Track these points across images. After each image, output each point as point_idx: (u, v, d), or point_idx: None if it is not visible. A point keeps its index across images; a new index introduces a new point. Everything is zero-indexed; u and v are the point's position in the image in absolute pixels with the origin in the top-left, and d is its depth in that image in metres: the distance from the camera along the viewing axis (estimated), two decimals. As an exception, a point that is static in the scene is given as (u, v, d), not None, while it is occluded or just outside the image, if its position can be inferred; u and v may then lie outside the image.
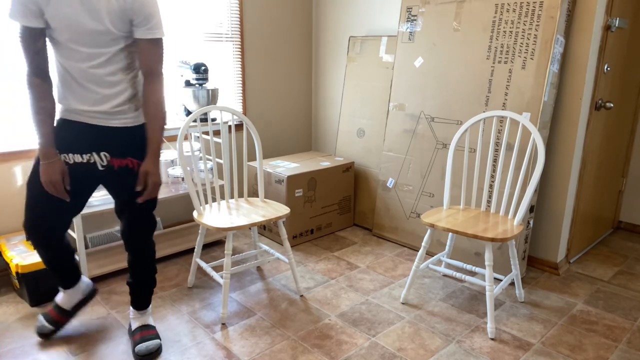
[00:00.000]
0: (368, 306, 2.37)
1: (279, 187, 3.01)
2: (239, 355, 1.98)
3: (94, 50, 1.63)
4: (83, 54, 1.62)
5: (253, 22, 3.45)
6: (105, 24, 1.60)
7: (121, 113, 1.74)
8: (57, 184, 1.70)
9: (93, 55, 1.63)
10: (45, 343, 2.04)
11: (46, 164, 1.68)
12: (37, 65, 1.62)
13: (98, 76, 1.66)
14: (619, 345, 2.07)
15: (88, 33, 1.59)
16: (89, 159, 1.76)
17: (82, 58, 1.63)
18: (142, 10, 1.64)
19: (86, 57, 1.63)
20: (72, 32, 1.58)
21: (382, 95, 3.28)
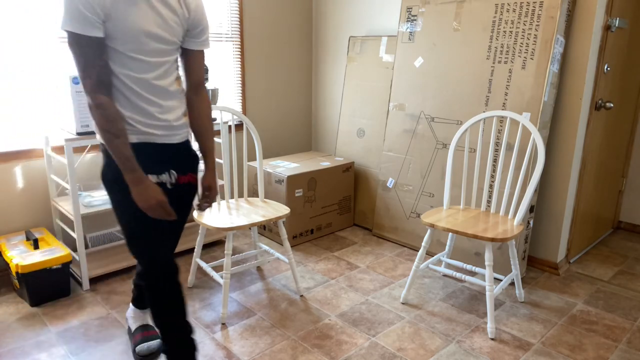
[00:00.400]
0: (368, 306, 2.37)
1: (279, 187, 3.01)
2: (239, 355, 1.98)
3: (157, 60, 1.51)
4: (147, 65, 1.50)
5: (253, 22, 3.45)
6: (172, 32, 1.52)
7: (181, 127, 1.63)
8: (164, 203, 1.50)
9: (156, 64, 1.52)
10: (45, 343, 2.04)
11: (141, 189, 1.48)
12: (102, 81, 1.42)
13: (161, 88, 1.54)
14: (619, 345, 2.07)
15: (155, 42, 1.49)
16: (161, 178, 1.62)
17: (146, 69, 1.50)
18: (201, 21, 1.59)
19: (150, 67, 1.50)
20: (139, 41, 1.45)
21: (382, 95, 3.28)
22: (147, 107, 1.52)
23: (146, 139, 1.56)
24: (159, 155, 1.60)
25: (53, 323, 2.19)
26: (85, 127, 2.37)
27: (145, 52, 1.48)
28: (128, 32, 1.43)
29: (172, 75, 1.57)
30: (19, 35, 2.45)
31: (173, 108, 1.58)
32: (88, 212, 2.42)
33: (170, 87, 1.56)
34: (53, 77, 2.59)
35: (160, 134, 1.57)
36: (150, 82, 1.51)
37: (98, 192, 2.60)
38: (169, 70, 1.56)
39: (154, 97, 1.53)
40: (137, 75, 1.48)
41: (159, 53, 1.51)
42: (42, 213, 2.69)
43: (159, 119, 1.55)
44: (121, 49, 1.44)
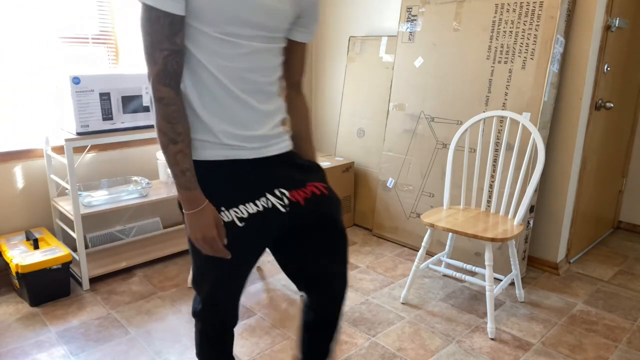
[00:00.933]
0: (368, 306, 2.37)
1: (279, 187, 3.01)
2: (239, 355, 1.98)
3: (257, 45, 1.15)
4: (245, 50, 1.13)
5: (253, 22, 3.44)
6: (278, 16, 1.16)
7: (278, 136, 1.25)
8: (214, 241, 1.15)
9: (255, 53, 1.15)
10: (45, 343, 2.04)
11: (193, 214, 1.14)
12: (168, 70, 1.09)
13: (259, 85, 1.18)
14: (619, 345, 2.07)
15: (255, 27, 1.13)
16: (266, 203, 1.20)
17: (242, 55, 1.13)
18: (314, 8, 1.26)
19: (248, 54, 1.14)
20: (235, 22, 1.10)
21: (382, 95, 3.28)
22: (240, 110, 1.16)
23: (233, 155, 1.18)
24: (250, 175, 1.20)
25: (53, 323, 2.19)
26: (85, 127, 2.37)
27: (243, 36, 1.13)
28: (221, 9, 1.09)
29: (273, 72, 1.21)
30: (19, 35, 2.45)
31: (271, 114, 1.22)
32: (88, 212, 2.42)
33: (270, 86, 1.21)
34: (53, 77, 2.59)
35: (251, 147, 1.19)
36: (245, 75, 1.15)
37: (98, 192, 2.60)
38: (270, 64, 1.20)
39: (249, 97, 1.17)
40: (229, 64, 1.13)
41: (260, 39, 1.16)
42: (42, 213, 2.70)
43: (251, 127, 1.18)
44: (211, 30, 1.10)
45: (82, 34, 2.64)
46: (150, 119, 2.58)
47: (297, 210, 1.24)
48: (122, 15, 2.77)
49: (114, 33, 2.74)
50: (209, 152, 1.16)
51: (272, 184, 1.22)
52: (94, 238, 2.88)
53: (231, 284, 1.26)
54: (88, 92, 2.35)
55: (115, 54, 2.77)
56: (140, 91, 2.51)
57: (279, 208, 1.22)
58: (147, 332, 2.13)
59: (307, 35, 1.30)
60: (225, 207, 1.17)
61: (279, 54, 1.22)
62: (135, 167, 3.01)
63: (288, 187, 1.23)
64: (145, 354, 1.98)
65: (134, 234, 3.05)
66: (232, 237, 1.19)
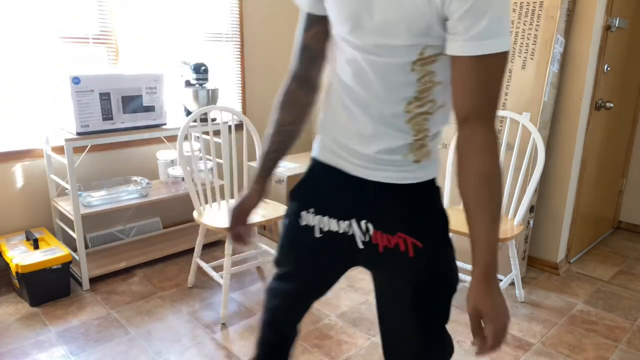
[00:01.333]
0: (368, 306, 2.37)
1: (279, 187, 3.01)
2: (239, 355, 1.98)
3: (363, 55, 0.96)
4: (357, 55, 0.98)
5: (253, 22, 3.45)
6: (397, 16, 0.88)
7: (392, 164, 1.01)
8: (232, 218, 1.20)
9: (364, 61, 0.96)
10: (45, 343, 2.04)
11: (242, 194, 1.19)
12: (296, 65, 1.09)
13: (367, 100, 0.99)
14: (619, 345, 2.07)
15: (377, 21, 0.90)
16: (347, 229, 1.07)
17: (345, 63, 1.01)
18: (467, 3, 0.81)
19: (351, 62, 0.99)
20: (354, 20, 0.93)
21: (382, 95, 3.27)
22: (347, 119, 1.03)
23: (336, 162, 1.07)
24: (347, 193, 1.06)
25: (53, 323, 2.19)
26: (85, 127, 2.37)
27: (348, 40, 0.97)
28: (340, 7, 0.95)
29: (392, 89, 0.95)
30: (19, 35, 2.45)
31: (384, 134, 0.99)
32: (88, 212, 2.42)
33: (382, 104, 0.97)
34: (53, 77, 2.59)
35: (354, 162, 1.04)
36: (351, 85, 0.99)
37: (98, 192, 2.60)
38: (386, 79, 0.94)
39: (357, 108, 1.00)
40: (337, 72, 1.02)
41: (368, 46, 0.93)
42: (42, 213, 2.69)
43: (357, 139, 1.02)
44: (334, 32, 1.00)
45: (82, 34, 2.64)
46: (150, 119, 2.58)
47: (372, 254, 1.06)
48: (122, 15, 2.77)
49: (114, 33, 2.74)
50: (320, 151, 1.11)
51: (363, 213, 1.04)
52: (94, 238, 2.88)
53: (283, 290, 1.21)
54: (88, 92, 2.35)
55: (115, 54, 2.77)
56: (140, 91, 2.51)
57: (357, 241, 1.06)
58: (147, 332, 2.13)
59: (464, 43, 0.84)
60: (314, 211, 1.09)
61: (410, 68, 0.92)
62: (135, 167, 3.01)
63: (375, 225, 1.04)
64: (145, 354, 1.98)
65: (134, 234, 3.05)
66: (304, 243, 1.12)
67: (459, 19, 0.82)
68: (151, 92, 2.56)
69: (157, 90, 2.57)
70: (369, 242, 1.05)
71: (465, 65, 0.86)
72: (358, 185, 1.04)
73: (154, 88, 2.56)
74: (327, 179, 1.09)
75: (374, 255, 1.05)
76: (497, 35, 0.82)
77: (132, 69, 2.86)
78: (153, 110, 2.58)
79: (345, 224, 1.06)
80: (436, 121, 0.99)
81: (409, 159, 1.01)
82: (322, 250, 1.11)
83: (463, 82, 0.87)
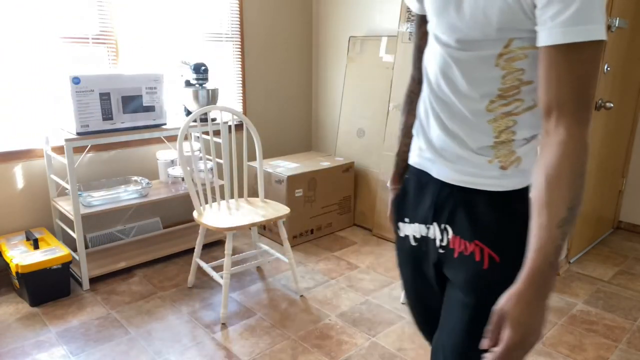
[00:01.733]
0: (368, 306, 2.37)
1: (279, 187, 3.01)
2: (239, 355, 1.98)
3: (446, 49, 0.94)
4: (442, 51, 0.95)
5: (253, 22, 3.45)
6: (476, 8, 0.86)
7: (474, 166, 0.96)
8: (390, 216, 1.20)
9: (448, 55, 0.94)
10: (45, 343, 2.04)
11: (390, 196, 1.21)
12: (413, 66, 1.15)
13: (449, 97, 0.96)
14: (619, 345, 2.07)
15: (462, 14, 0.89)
16: (427, 233, 1.05)
17: (431, 57, 0.98)
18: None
19: (444, 55, 0.95)
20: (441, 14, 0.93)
21: (382, 95, 3.28)
22: (431, 118, 1.01)
23: (421, 164, 1.05)
24: (428, 195, 1.03)
25: (53, 323, 2.19)
26: (85, 127, 2.37)
27: (436, 36, 0.96)
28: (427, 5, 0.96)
29: (471, 85, 0.92)
30: (19, 36, 2.45)
31: (464, 135, 0.96)
32: (88, 212, 2.42)
33: (462, 102, 0.94)
34: (53, 77, 2.59)
35: (438, 163, 1.01)
36: (437, 82, 0.97)
37: (98, 192, 2.60)
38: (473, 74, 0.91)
39: (439, 105, 0.98)
40: (429, 66, 1.00)
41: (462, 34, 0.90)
42: (42, 213, 2.70)
43: (438, 140, 1.00)
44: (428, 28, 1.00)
45: (82, 34, 2.64)
46: (150, 119, 2.58)
47: (448, 259, 1.01)
48: (122, 15, 2.77)
49: (114, 33, 2.74)
50: (411, 155, 1.09)
51: (443, 216, 1.01)
52: (94, 238, 2.88)
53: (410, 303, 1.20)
54: (88, 92, 2.35)
55: (115, 54, 2.77)
56: (140, 91, 2.51)
57: (436, 245, 1.03)
58: (147, 332, 2.13)
59: (551, 30, 0.77)
60: (409, 220, 1.08)
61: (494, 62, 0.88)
62: (135, 167, 3.01)
63: (454, 229, 0.99)
64: (145, 354, 1.98)
65: (134, 234, 3.05)
66: (405, 253, 1.13)
67: (547, 5, 0.77)
68: (151, 92, 2.56)
69: (157, 90, 2.57)
70: (446, 246, 1.01)
71: (550, 55, 0.79)
72: (441, 188, 1.01)
73: (154, 88, 2.56)
74: (416, 184, 1.07)
75: (449, 261, 1.01)
76: (588, 22, 0.74)
77: (132, 69, 2.86)
78: (153, 110, 2.58)
79: (429, 227, 1.03)
80: (525, 124, 0.92)
81: (494, 164, 0.94)
82: (417, 256, 1.09)
83: (548, 72, 0.80)
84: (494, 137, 0.93)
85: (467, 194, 0.97)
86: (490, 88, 0.90)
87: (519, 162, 0.94)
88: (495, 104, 0.91)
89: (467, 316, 0.97)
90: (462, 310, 0.98)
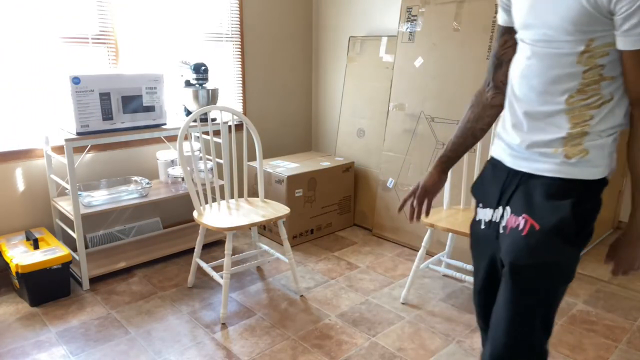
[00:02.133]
0: (368, 306, 2.37)
1: (279, 187, 3.01)
2: (239, 355, 1.98)
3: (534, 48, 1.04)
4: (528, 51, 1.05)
5: (253, 22, 3.45)
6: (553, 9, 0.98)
7: (541, 155, 1.07)
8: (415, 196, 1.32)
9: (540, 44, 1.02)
10: (45, 343, 2.04)
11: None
12: (488, 70, 1.25)
13: (535, 83, 1.05)
14: (619, 345, 2.07)
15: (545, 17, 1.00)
16: (493, 216, 1.17)
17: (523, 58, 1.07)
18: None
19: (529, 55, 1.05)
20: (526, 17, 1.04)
21: (382, 95, 3.28)
22: (508, 112, 1.13)
23: (498, 155, 1.18)
24: (498, 180, 1.16)
25: (53, 323, 2.19)
26: (85, 127, 2.37)
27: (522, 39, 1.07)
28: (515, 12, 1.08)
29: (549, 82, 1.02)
30: (19, 36, 2.45)
31: (538, 127, 1.06)
32: (88, 212, 2.42)
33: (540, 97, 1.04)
34: (53, 77, 2.59)
35: (511, 154, 1.14)
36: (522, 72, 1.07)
37: (98, 192, 2.60)
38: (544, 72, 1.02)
39: (517, 103, 1.10)
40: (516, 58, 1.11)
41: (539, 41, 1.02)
42: (42, 213, 2.70)
43: (512, 134, 1.12)
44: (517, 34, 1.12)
45: (82, 34, 2.64)
46: (150, 119, 2.58)
47: (502, 238, 1.12)
48: (122, 15, 2.77)
49: (114, 33, 2.74)
50: (491, 146, 1.23)
51: (505, 199, 1.13)
52: (94, 238, 2.88)
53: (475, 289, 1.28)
54: (88, 92, 2.35)
55: (115, 54, 2.77)
56: (140, 91, 2.51)
57: (498, 228, 1.14)
58: (147, 332, 2.13)
59: (625, 36, 0.92)
60: (482, 205, 1.21)
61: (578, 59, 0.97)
62: (135, 167, 3.01)
63: (512, 209, 1.11)
64: (145, 354, 1.98)
65: (134, 234, 3.05)
66: (474, 235, 1.26)
67: (626, 17, 0.89)
68: (151, 92, 2.56)
69: (157, 90, 2.57)
70: (505, 227, 1.11)
71: (629, 58, 0.94)
72: (507, 174, 1.13)
73: (154, 88, 2.56)
74: (492, 172, 1.19)
75: (503, 239, 1.11)
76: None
77: (132, 69, 2.86)
78: (153, 110, 2.58)
79: (495, 211, 1.15)
80: (601, 118, 1.02)
81: (558, 152, 1.04)
82: (485, 240, 1.20)
83: (630, 72, 0.95)
84: (569, 128, 1.02)
85: (529, 178, 1.08)
86: (571, 84, 0.99)
87: (585, 154, 1.03)
88: (574, 98, 1.00)
89: (509, 283, 1.07)
90: (505, 281, 1.08)
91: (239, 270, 2.38)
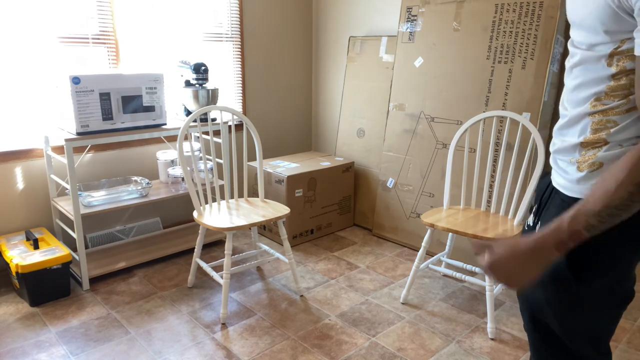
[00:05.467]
0: (368, 306, 2.37)
1: (279, 187, 3.01)
2: (239, 355, 1.98)
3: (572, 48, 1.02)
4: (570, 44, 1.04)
5: (253, 22, 3.45)
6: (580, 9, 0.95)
7: (563, 165, 1.04)
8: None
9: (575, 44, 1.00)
10: (45, 343, 2.04)
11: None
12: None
13: (567, 90, 1.04)
14: (619, 345, 2.07)
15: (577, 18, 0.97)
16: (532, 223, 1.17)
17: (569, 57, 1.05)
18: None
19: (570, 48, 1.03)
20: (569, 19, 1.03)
21: (382, 95, 3.28)
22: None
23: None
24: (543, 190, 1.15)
25: (53, 323, 2.19)
26: (85, 127, 2.37)
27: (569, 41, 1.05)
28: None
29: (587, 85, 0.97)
30: (19, 36, 2.45)
31: (563, 134, 1.04)
32: (88, 212, 2.42)
33: (570, 103, 1.01)
34: (53, 77, 2.59)
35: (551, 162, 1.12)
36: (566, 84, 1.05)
37: (98, 192, 2.60)
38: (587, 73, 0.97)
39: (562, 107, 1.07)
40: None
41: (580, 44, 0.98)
42: (42, 213, 2.70)
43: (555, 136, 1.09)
44: None
45: (82, 34, 2.64)
46: (150, 119, 2.58)
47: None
48: (122, 15, 2.77)
49: (114, 33, 2.74)
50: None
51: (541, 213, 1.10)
52: (94, 238, 2.88)
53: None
54: (88, 92, 2.35)
55: (115, 54, 2.77)
56: (140, 91, 2.51)
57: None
58: (147, 332, 2.13)
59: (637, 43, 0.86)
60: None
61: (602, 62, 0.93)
62: (135, 167, 3.01)
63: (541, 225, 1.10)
64: (145, 354, 1.98)
65: (134, 234, 3.05)
66: None
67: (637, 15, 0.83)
68: (151, 92, 2.56)
69: (157, 90, 2.57)
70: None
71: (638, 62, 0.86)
72: (543, 187, 1.14)
73: (154, 88, 2.56)
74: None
75: None
76: None
77: (132, 69, 2.86)
78: (153, 110, 2.58)
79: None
80: (625, 123, 0.93)
81: (572, 162, 0.99)
82: None
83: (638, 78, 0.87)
84: (588, 133, 0.97)
85: (554, 193, 1.06)
86: (599, 87, 0.94)
87: (597, 167, 0.95)
88: (600, 102, 0.95)
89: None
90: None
91: (239, 270, 2.38)
